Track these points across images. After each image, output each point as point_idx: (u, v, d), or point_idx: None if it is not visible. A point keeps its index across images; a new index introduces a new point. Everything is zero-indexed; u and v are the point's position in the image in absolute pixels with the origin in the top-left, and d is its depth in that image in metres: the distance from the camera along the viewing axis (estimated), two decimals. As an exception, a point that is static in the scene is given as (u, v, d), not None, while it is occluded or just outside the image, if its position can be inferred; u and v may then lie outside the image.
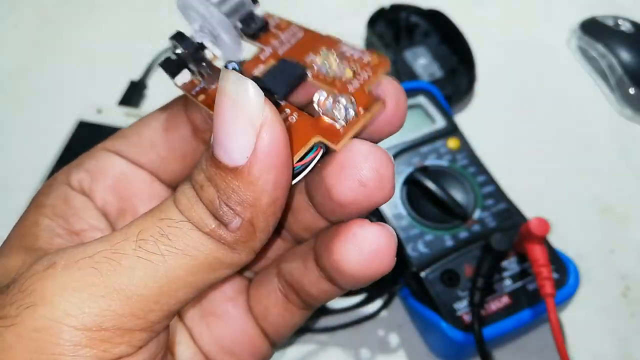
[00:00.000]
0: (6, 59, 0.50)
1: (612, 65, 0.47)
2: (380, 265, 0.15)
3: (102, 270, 0.14)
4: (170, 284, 0.14)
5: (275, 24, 0.18)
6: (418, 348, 0.35)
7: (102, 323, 0.13)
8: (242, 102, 0.13)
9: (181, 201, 0.14)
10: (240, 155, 0.13)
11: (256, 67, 0.18)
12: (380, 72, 0.16)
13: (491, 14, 0.53)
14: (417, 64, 0.47)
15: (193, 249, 0.14)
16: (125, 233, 0.14)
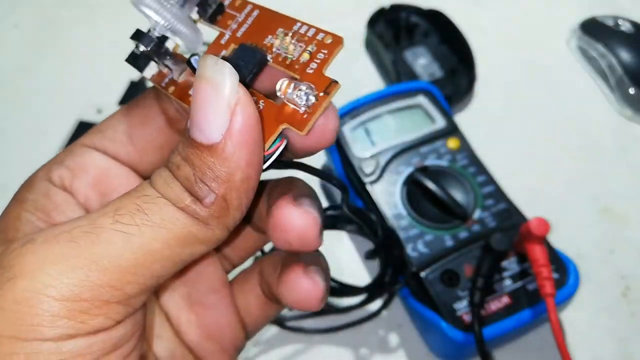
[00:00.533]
0: (6, 59, 0.50)
1: (612, 65, 0.47)
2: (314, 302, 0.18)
3: (80, 243, 0.14)
4: (146, 256, 0.14)
5: (230, 3, 0.19)
6: (418, 348, 0.35)
7: (80, 293, 0.14)
8: (219, 83, 0.14)
9: (157, 181, 0.15)
10: (216, 133, 0.14)
11: (218, 53, 0.18)
12: (335, 51, 0.16)
13: (491, 14, 0.53)
14: (417, 64, 0.47)
15: (168, 222, 0.15)
16: (103, 210, 0.15)
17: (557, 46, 0.51)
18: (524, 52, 0.50)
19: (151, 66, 0.18)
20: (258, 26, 0.18)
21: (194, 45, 0.18)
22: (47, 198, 0.17)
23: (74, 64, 0.49)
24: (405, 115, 0.39)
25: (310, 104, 0.15)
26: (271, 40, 0.17)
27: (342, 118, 0.38)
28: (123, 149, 0.19)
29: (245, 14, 0.18)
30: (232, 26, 0.18)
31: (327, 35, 0.17)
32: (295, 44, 0.17)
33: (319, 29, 0.17)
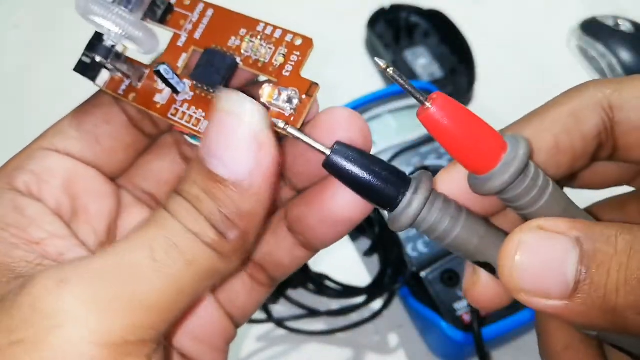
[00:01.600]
0: (6, 59, 0.50)
1: (612, 65, 0.47)
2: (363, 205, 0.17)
3: (119, 283, 0.14)
4: (179, 293, 0.14)
5: (177, 1, 0.18)
6: (418, 348, 0.35)
7: (125, 337, 0.13)
8: (246, 120, 0.14)
9: (180, 213, 0.15)
10: (243, 170, 0.14)
11: (178, 56, 0.18)
12: (308, 53, 0.17)
13: (491, 14, 0.53)
14: (417, 64, 0.47)
15: (198, 258, 0.15)
16: (133, 244, 0.15)
17: (557, 46, 0.51)
18: (524, 52, 0.50)
19: (102, 74, 0.18)
20: (216, 27, 0.18)
21: (151, 49, 0.17)
22: (18, 212, 0.16)
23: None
24: (405, 115, 0.39)
25: (294, 106, 0.16)
26: (235, 42, 0.17)
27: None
28: (89, 149, 0.18)
29: (199, 13, 0.18)
30: (186, 27, 0.18)
31: (295, 36, 0.17)
32: (264, 46, 0.17)
33: (285, 30, 0.17)
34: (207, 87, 0.17)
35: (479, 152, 0.14)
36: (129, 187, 0.20)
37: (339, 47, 0.50)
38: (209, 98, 0.17)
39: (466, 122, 0.14)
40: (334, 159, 0.15)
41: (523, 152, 0.14)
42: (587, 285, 0.12)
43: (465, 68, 0.47)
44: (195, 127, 0.17)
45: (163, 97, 0.18)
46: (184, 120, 0.17)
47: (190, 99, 0.17)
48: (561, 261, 0.13)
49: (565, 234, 0.13)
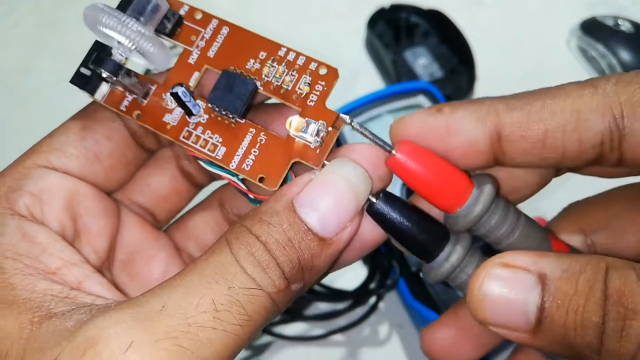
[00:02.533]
0: (6, 58, 0.50)
1: (612, 65, 0.47)
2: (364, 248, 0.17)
3: (185, 347, 0.13)
4: (236, 349, 0.14)
5: (187, 14, 0.17)
6: (418, 348, 0.35)
7: None
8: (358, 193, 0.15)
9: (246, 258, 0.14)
10: (334, 231, 0.15)
11: (190, 74, 0.17)
12: (334, 82, 0.16)
13: (491, 14, 0.53)
14: (417, 64, 0.47)
15: (258, 314, 0.14)
16: (193, 298, 0.14)
17: (557, 46, 0.51)
18: (524, 52, 0.50)
19: (101, 87, 0.17)
20: (233, 46, 0.17)
21: (163, 65, 0.16)
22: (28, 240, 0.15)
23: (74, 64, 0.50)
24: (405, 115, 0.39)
25: (320, 139, 0.16)
26: (255, 65, 0.17)
27: (342, 118, 0.38)
28: (89, 167, 0.17)
29: (212, 29, 0.17)
30: (198, 43, 0.17)
31: (320, 65, 0.16)
32: (288, 74, 0.16)
33: (309, 58, 0.17)
34: (225, 112, 0.16)
35: (446, 192, 0.15)
36: (126, 201, 0.19)
37: (339, 47, 0.50)
38: (226, 123, 0.16)
39: (431, 166, 0.15)
40: (378, 206, 0.15)
41: (487, 190, 0.15)
42: (548, 323, 0.13)
43: (465, 68, 0.47)
44: (212, 154, 0.16)
45: (173, 118, 0.17)
46: (199, 144, 0.16)
47: (205, 122, 0.17)
48: (523, 299, 0.13)
49: (529, 269, 0.13)
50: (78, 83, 0.17)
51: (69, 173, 0.17)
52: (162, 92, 0.17)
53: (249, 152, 0.16)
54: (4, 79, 0.49)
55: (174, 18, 0.17)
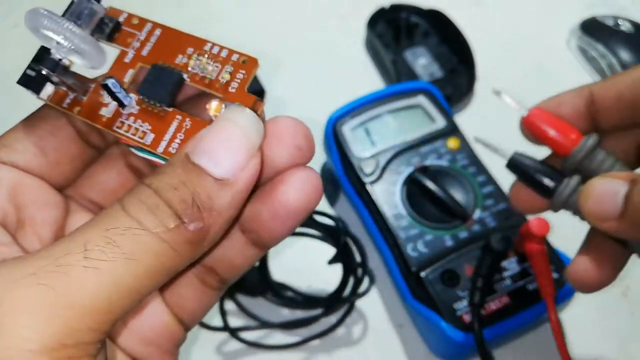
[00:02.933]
0: (6, 58, 0.50)
1: (612, 65, 0.47)
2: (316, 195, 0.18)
3: (50, 286, 0.13)
4: (119, 293, 0.14)
5: (125, 20, 0.19)
6: (418, 348, 0.35)
7: (62, 340, 0.13)
8: (249, 132, 0.16)
9: (134, 207, 0.15)
10: (231, 170, 0.15)
11: (125, 72, 0.18)
12: (253, 71, 0.18)
13: (491, 14, 0.53)
14: (417, 64, 0.47)
15: (140, 253, 0.14)
16: (67, 245, 0.14)
17: (557, 46, 0.51)
18: (524, 52, 0.50)
19: (46, 87, 0.18)
20: (164, 45, 0.18)
21: (98, 64, 0.18)
22: None
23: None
24: (405, 115, 0.39)
25: None
26: (183, 59, 0.18)
27: (342, 118, 0.38)
28: (35, 161, 0.18)
29: (147, 32, 0.19)
30: (134, 44, 0.19)
31: (241, 56, 0.18)
32: (211, 64, 0.18)
33: (231, 50, 0.18)
34: (154, 102, 0.18)
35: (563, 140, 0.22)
36: (77, 197, 0.20)
37: (339, 47, 0.50)
38: (155, 112, 0.18)
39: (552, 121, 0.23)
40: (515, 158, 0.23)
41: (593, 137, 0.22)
42: (630, 207, 0.19)
43: (465, 68, 0.47)
44: (142, 140, 0.18)
45: (109, 111, 0.18)
46: (130, 132, 0.18)
47: (136, 112, 0.18)
48: (614, 194, 0.19)
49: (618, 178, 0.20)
50: (24, 83, 0.18)
51: (16, 166, 0.18)
52: (100, 90, 0.18)
53: (175, 136, 0.18)
54: (4, 78, 0.49)
55: (111, 23, 0.19)
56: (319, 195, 0.18)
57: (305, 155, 0.18)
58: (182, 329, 0.20)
